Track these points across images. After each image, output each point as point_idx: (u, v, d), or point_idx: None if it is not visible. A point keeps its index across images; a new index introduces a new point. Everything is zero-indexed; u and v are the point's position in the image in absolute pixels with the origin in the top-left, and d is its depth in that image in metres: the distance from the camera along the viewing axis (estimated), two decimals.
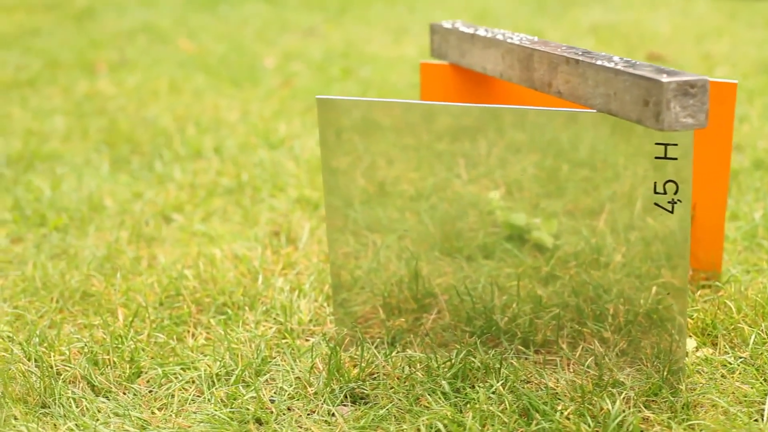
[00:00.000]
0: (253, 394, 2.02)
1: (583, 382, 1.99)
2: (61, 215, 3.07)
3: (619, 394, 1.93)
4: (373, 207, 2.12)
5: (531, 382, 2.03)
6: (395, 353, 2.14)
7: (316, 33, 6.12)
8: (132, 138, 3.88)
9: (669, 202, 1.89)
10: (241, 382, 2.07)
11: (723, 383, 1.99)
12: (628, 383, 1.97)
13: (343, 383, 2.04)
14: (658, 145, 1.87)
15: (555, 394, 1.96)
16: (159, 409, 2.01)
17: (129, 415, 1.97)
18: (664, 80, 1.69)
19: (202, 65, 5.26)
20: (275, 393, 2.04)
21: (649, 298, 2.01)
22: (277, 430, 1.91)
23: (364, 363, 2.10)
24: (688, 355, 2.08)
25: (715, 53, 5.01)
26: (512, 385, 1.98)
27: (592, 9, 6.52)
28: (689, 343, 2.12)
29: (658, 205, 1.90)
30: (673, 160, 1.86)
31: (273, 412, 1.97)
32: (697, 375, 2.02)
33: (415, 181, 2.09)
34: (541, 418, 1.86)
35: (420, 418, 1.89)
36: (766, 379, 1.99)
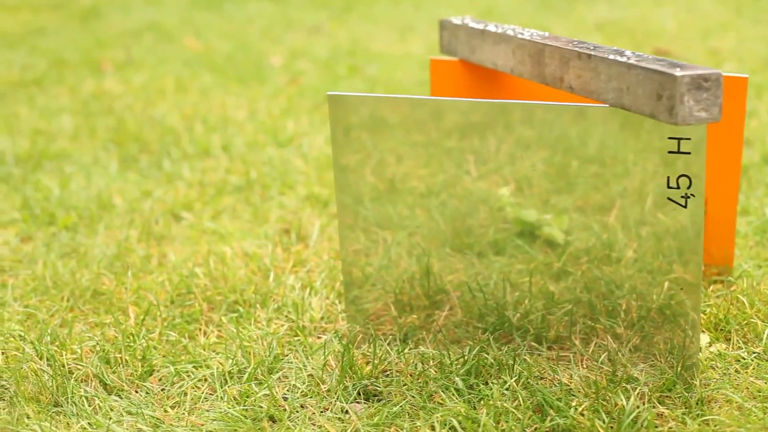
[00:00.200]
0: (266, 392, 2.01)
1: (597, 377, 1.99)
2: (70, 214, 3.07)
3: (633, 389, 1.92)
4: (384, 204, 2.12)
5: (544, 378, 2.03)
6: (408, 350, 2.14)
7: (322, 31, 6.12)
8: (140, 137, 3.88)
9: (682, 197, 1.89)
10: (254, 380, 2.07)
11: (737, 378, 1.98)
12: (641, 379, 1.97)
13: (356, 380, 2.04)
14: (671, 139, 1.86)
15: (569, 390, 1.95)
16: (172, 408, 2.01)
17: (142, 414, 1.97)
18: (678, 74, 1.69)
19: (209, 64, 5.26)
20: (288, 390, 2.04)
21: (662, 294, 2.01)
22: (290, 428, 1.90)
23: (376, 360, 2.09)
24: (701, 350, 2.07)
25: (721, 49, 5.00)
26: (526, 382, 1.98)
27: (598, 5, 6.51)
28: (702, 339, 2.11)
29: (671, 199, 1.90)
30: (686, 154, 1.86)
31: (286, 410, 1.96)
32: (711, 370, 2.02)
33: (425, 178, 2.09)
34: (555, 414, 1.86)
35: (434, 415, 1.89)
36: None
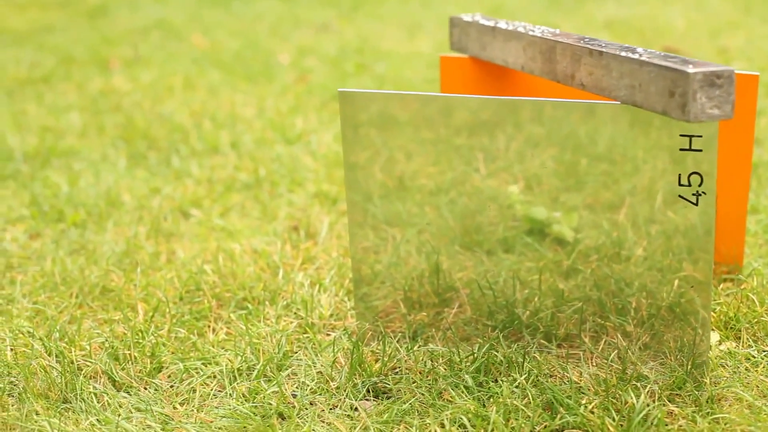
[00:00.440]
0: (275, 389, 2.01)
1: (607, 375, 1.98)
2: (78, 211, 3.07)
3: (643, 387, 1.92)
4: (393, 201, 2.12)
5: (554, 376, 2.02)
6: (417, 347, 2.14)
7: (330, 29, 6.11)
8: (148, 134, 3.88)
9: (694, 194, 1.88)
10: (263, 377, 2.07)
11: (747, 377, 1.98)
12: (651, 377, 1.97)
13: (365, 378, 2.04)
14: (682, 136, 1.86)
15: (579, 387, 1.95)
16: (181, 404, 2.01)
17: (151, 410, 1.97)
18: (691, 71, 1.68)
19: (217, 61, 5.26)
20: (297, 388, 2.03)
21: (672, 292, 2.00)
22: (299, 425, 1.90)
23: (386, 357, 2.09)
24: (711, 348, 2.07)
25: (730, 47, 4.99)
26: (535, 379, 1.97)
27: (606, 3, 6.50)
28: (712, 337, 2.11)
29: (682, 197, 1.89)
30: (698, 151, 1.85)
31: (295, 407, 1.96)
32: (721, 368, 2.01)
33: (434, 176, 2.08)
34: (565, 411, 1.85)
35: (443, 413, 1.88)
36: None
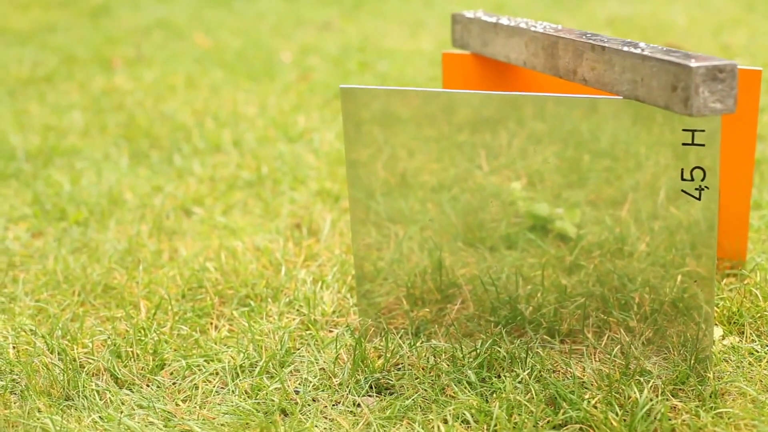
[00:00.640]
0: (277, 386, 2.01)
1: (610, 370, 1.98)
2: (81, 209, 3.06)
3: (647, 382, 1.91)
4: (395, 198, 2.11)
5: (557, 371, 2.02)
6: (420, 343, 2.13)
7: (332, 27, 6.11)
8: (150, 132, 3.88)
9: (696, 189, 1.88)
10: (266, 374, 2.07)
11: (750, 371, 1.98)
12: (655, 372, 1.96)
13: (367, 374, 2.03)
14: (685, 131, 1.85)
15: (582, 383, 1.95)
16: (183, 401, 2.01)
17: (153, 407, 1.97)
18: (693, 65, 1.68)
19: (219, 60, 5.26)
20: (300, 384, 2.03)
21: (675, 287, 2.00)
22: (302, 421, 1.90)
23: (388, 353, 2.09)
24: (714, 343, 2.06)
25: (733, 44, 4.98)
26: (538, 375, 1.97)
27: (609, 1, 6.49)
28: (716, 332, 2.11)
29: (685, 192, 1.89)
30: (701, 146, 1.85)
31: (298, 403, 1.96)
32: (724, 363, 2.01)
33: (437, 173, 2.08)
34: (568, 407, 1.85)
35: (446, 408, 1.88)
36: None
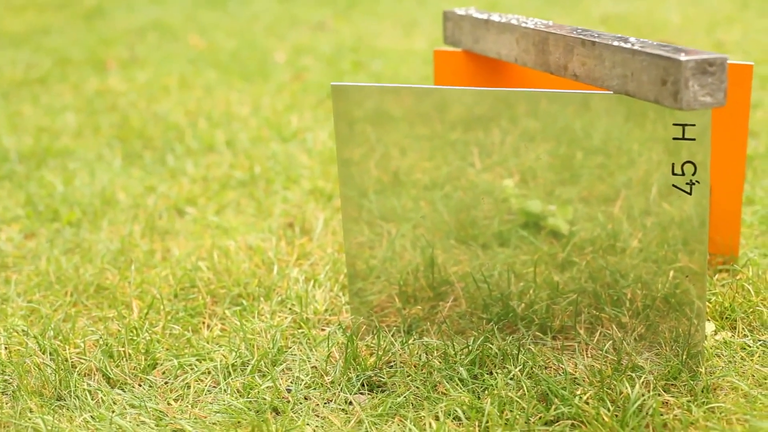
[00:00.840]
0: (269, 384, 2.01)
1: (602, 366, 1.97)
2: (73, 210, 3.06)
3: (638, 378, 1.91)
4: (388, 197, 2.11)
5: (549, 367, 2.01)
6: (412, 341, 2.13)
7: (326, 28, 6.11)
8: (144, 133, 3.88)
9: (687, 184, 1.88)
10: (258, 372, 2.06)
11: (743, 366, 1.97)
12: (647, 367, 1.96)
13: (359, 372, 2.03)
14: (675, 125, 1.85)
15: (574, 379, 1.94)
16: (175, 400, 2.00)
17: (145, 407, 1.96)
18: (683, 59, 1.68)
19: (213, 61, 5.25)
20: (292, 382, 2.03)
21: (667, 283, 1.99)
22: (294, 419, 1.89)
23: (380, 351, 2.08)
24: (706, 338, 2.06)
25: (726, 42, 4.98)
26: (530, 371, 1.97)
27: None
28: (708, 327, 2.10)
29: (676, 186, 1.89)
30: (691, 140, 1.85)
31: (290, 401, 1.95)
32: (716, 358, 2.01)
33: (429, 171, 2.08)
34: (560, 402, 1.85)
35: (438, 405, 1.88)
36: None
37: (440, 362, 2.04)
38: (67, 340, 2.21)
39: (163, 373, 2.10)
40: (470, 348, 2.05)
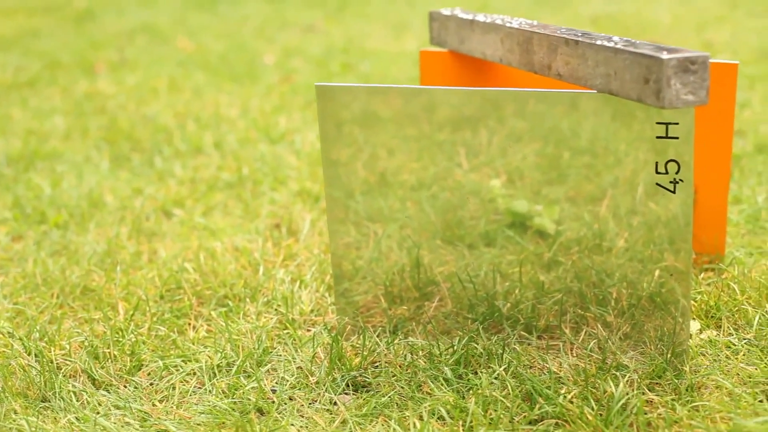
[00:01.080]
0: (254, 385, 2.00)
1: (587, 365, 1.97)
2: (61, 212, 3.05)
3: (623, 377, 1.91)
4: (375, 197, 2.11)
5: (534, 367, 2.01)
6: (397, 341, 2.13)
7: (316, 29, 6.10)
8: (132, 135, 3.87)
9: (671, 182, 1.88)
10: (243, 373, 2.06)
11: (727, 364, 1.97)
12: (631, 366, 1.96)
13: (344, 372, 2.03)
14: (659, 124, 1.85)
15: (558, 378, 1.94)
16: (160, 401, 2.00)
17: (129, 408, 1.96)
18: (665, 57, 1.68)
19: (202, 63, 5.25)
20: (277, 383, 2.03)
21: (652, 282, 1.99)
22: (278, 420, 1.89)
23: (365, 351, 2.08)
24: (691, 337, 2.06)
25: (716, 42, 4.99)
26: (515, 370, 1.96)
27: (592, 0, 6.50)
28: (693, 326, 2.10)
29: (659, 185, 1.89)
30: (675, 139, 1.85)
31: (274, 402, 1.95)
32: (701, 357, 2.01)
33: (417, 171, 2.08)
34: (544, 402, 1.84)
35: (422, 405, 1.88)
36: None
37: (425, 362, 2.03)
38: (53, 342, 2.21)
39: (149, 375, 2.10)
40: (455, 348, 2.05)
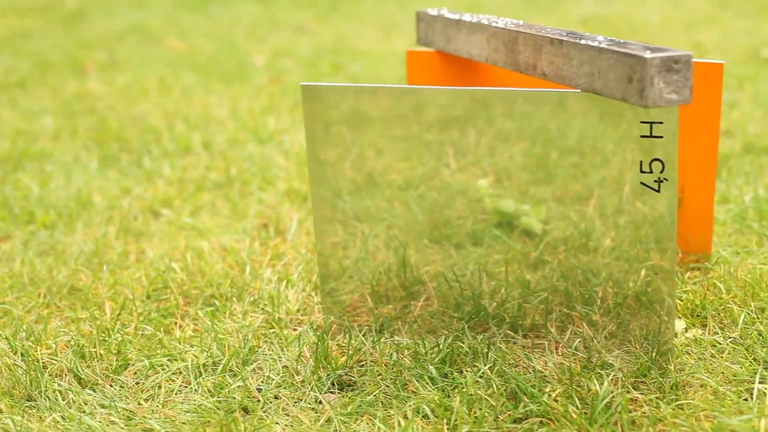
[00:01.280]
0: (239, 384, 2.00)
1: (572, 364, 1.98)
2: (49, 212, 3.05)
3: (608, 375, 1.91)
4: (362, 197, 2.11)
5: (519, 365, 2.01)
6: (383, 340, 2.13)
7: (306, 30, 6.10)
8: (121, 136, 3.87)
9: (655, 181, 1.88)
10: (228, 372, 2.06)
11: (712, 363, 1.98)
12: (616, 365, 1.96)
13: (330, 371, 2.03)
14: (643, 123, 1.85)
15: (543, 376, 1.94)
16: (145, 400, 2.00)
17: (115, 407, 1.96)
18: (648, 56, 1.68)
19: (192, 64, 5.25)
20: (262, 382, 2.02)
21: (638, 281, 2.00)
22: (263, 418, 1.89)
23: (351, 350, 2.08)
24: (677, 335, 2.07)
25: (705, 42, 5.00)
26: (500, 369, 1.96)
27: (583, 1, 6.50)
28: (678, 324, 2.11)
29: (644, 184, 1.89)
30: (659, 138, 1.85)
31: (260, 401, 1.95)
32: (687, 355, 2.01)
33: (404, 171, 2.08)
34: (528, 400, 1.85)
35: (407, 403, 1.88)
36: (756, 359, 1.98)
37: (410, 361, 2.04)
38: (39, 341, 2.20)
39: (135, 374, 2.10)
40: (441, 347, 2.05)
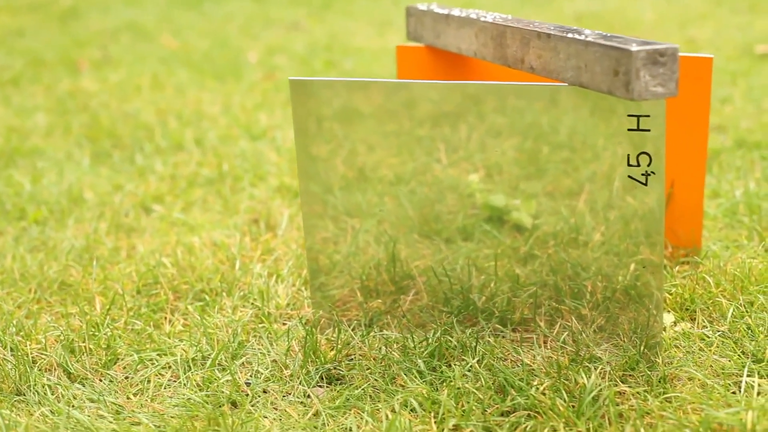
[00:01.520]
0: (228, 378, 2.00)
1: (560, 358, 1.98)
2: (40, 208, 3.05)
3: (596, 368, 1.92)
4: (353, 192, 2.11)
5: (507, 359, 2.02)
6: (372, 334, 2.13)
7: (300, 27, 6.10)
8: (113, 132, 3.87)
9: (643, 174, 1.88)
10: (217, 366, 2.06)
11: (701, 356, 1.98)
12: (604, 358, 1.96)
13: (319, 365, 2.03)
14: (630, 117, 1.85)
15: (531, 370, 1.94)
16: (134, 395, 2.00)
17: (104, 401, 1.96)
18: (633, 49, 1.68)
19: (186, 61, 5.25)
20: (251, 376, 2.03)
21: (627, 275, 2.00)
22: (251, 412, 1.89)
23: (340, 344, 2.08)
24: (665, 329, 2.07)
25: (699, 38, 5.00)
26: (488, 363, 1.97)
27: None
28: (667, 318, 2.11)
29: (632, 177, 1.89)
30: (646, 131, 1.85)
31: (248, 395, 1.95)
32: (675, 349, 2.01)
33: (395, 166, 2.08)
34: (516, 394, 1.85)
35: (395, 397, 1.88)
36: (744, 352, 1.98)
37: (399, 355, 2.04)
38: (29, 336, 2.20)
39: (124, 368, 2.10)
40: (429, 341, 2.05)
